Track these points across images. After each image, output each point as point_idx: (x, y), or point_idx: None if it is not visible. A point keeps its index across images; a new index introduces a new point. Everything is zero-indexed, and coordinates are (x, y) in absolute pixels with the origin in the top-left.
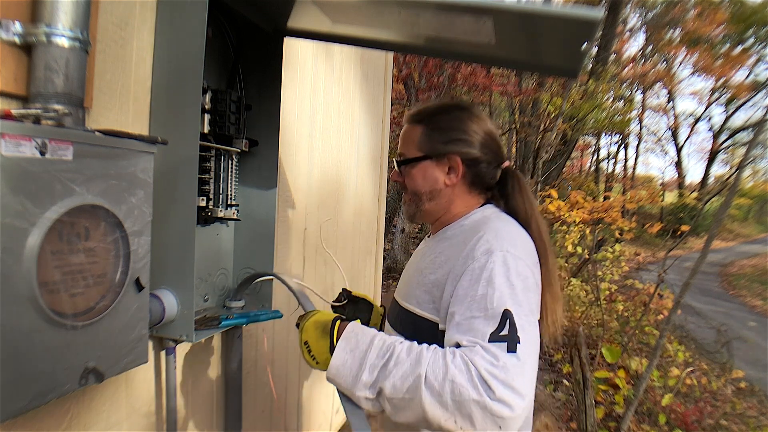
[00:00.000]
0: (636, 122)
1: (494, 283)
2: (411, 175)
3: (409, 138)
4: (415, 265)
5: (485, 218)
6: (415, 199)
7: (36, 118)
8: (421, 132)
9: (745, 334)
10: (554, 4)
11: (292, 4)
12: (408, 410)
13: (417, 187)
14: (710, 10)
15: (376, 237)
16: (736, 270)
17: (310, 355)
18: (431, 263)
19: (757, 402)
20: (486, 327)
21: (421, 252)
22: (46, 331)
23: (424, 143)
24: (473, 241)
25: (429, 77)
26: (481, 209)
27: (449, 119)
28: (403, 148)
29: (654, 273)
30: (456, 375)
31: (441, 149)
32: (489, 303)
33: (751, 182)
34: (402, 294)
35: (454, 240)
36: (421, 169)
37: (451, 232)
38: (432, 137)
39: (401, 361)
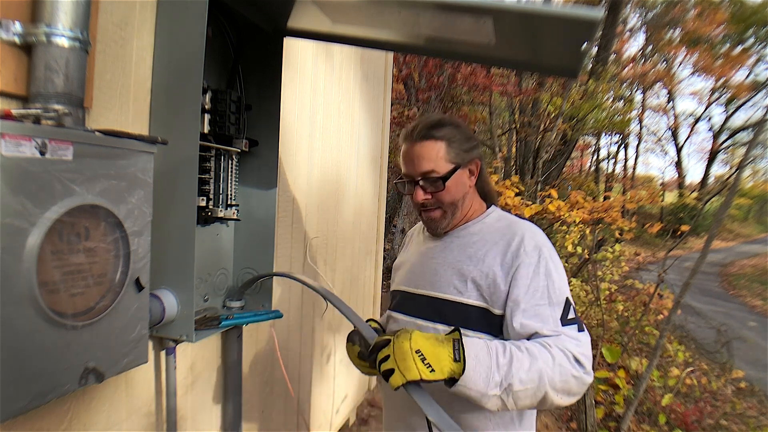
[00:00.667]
0: (636, 122)
1: (552, 275)
2: (447, 188)
3: (432, 155)
4: (438, 259)
5: (505, 217)
6: (451, 210)
7: (36, 118)
8: (445, 145)
9: (745, 334)
10: (554, 4)
11: (292, 4)
12: (529, 398)
13: (454, 197)
14: (710, 10)
15: (376, 237)
16: (736, 270)
17: (425, 363)
18: (468, 258)
19: (757, 402)
20: (554, 312)
21: (436, 248)
22: (46, 331)
23: (452, 155)
24: (516, 239)
25: (429, 77)
26: (491, 210)
27: (459, 129)
28: (429, 166)
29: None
30: (562, 360)
31: (466, 156)
32: (552, 292)
33: (751, 182)
34: (426, 285)
35: (484, 236)
36: (455, 180)
37: (475, 228)
38: (455, 147)
39: (520, 358)
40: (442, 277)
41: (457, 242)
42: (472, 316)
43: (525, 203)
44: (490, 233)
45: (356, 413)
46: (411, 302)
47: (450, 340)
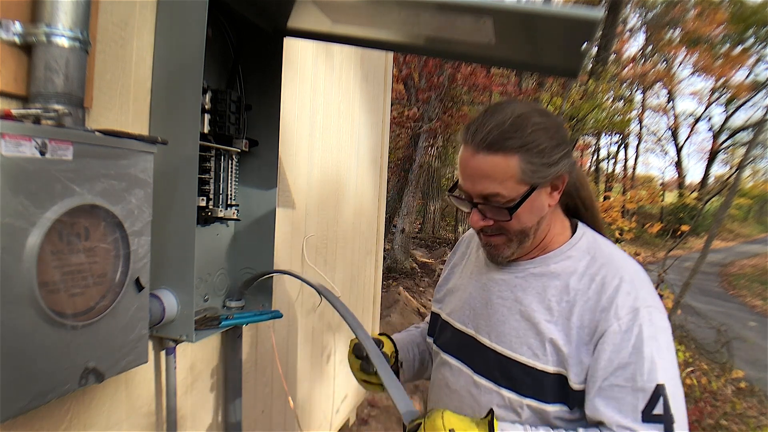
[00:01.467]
0: (636, 122)
1: (643, 351)
2: (517, 216)
3: (500, 173)
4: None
5: (598, 249)
6: (519, 238)
7: (36, 118)
8: (519, 161)
9: (745, 334)
10: (554, 4)
11: (292, 4)
12: None
13: (525, 225)
14: (710, 10)
15: (376, 237)
16: (736, 270)
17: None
18: (548, 310)
19: (757, 402)
20: (636, 402)
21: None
22: (46, 331)
23: (529, 173)
24: (609, 291)
25: (429, 77)
26: (580, 235)
27: (544, 132)
28: (493, 188)
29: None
30: None
31: (548, 173)
32: (639, 375)
33: (751, 182)
34: (491, 333)
35: (568, 280)
36: (529, 204)
37: (557, 266)
38: (534, 163)
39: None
40: (513, 330)
41: (531, 284)
42: (548, 385)
43: None
44: (576, 276)
45: (356, 413)
46: (469, 349)
47: (486, 424)
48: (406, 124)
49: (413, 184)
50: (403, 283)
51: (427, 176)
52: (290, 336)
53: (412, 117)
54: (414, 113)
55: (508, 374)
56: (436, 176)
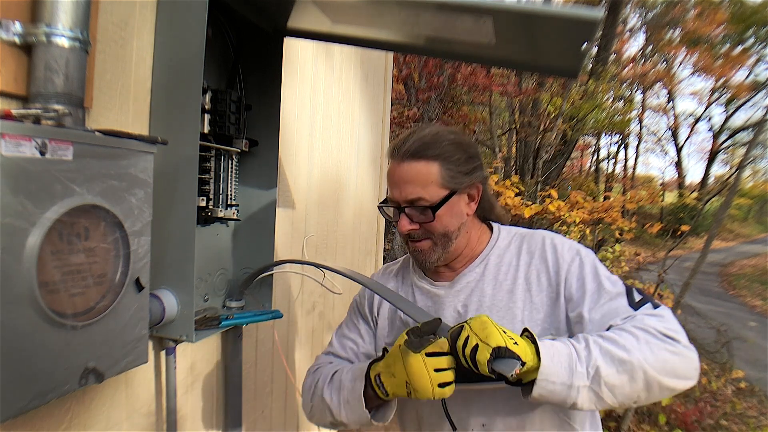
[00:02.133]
0: (636, 122)
1: (597, 270)
2: (438, 218)
3: (423, 178)
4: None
5: (514, 232)
6: (443, 242)
7: (36, 118)
8: (439, 168)
9: (745, 334)
10: (554, 4)
11: (292, 4)
12: (626, 385)
13: (448, 227)
14: (710, 10)
15: (376, 237)
16: (736, 270)
17: (506, 334)
18: (508, 293)
19: (757, 402)
20: (623, 302)
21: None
22: (46, 331)
23: (447, 179)
24: (548, 251)
25: (429, 77)
26: (497, 230)
27: (459, 146)
28: (417, 192)
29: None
30: (647, 338)
31: (465, 180)
32: (610, 286)
33: (751, 182)
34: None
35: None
36: (449, 208)
37: (494, 259)
38: (452, 170)
39: (599, 343)
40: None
41: (485, 280)
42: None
43: (525, 203)
44: (510, 257)
45: None
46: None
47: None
48: (406, 124)
49: None
50: None
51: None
52: (290, 336)
53: (412, 117)
54: (414, 113)
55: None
56: None
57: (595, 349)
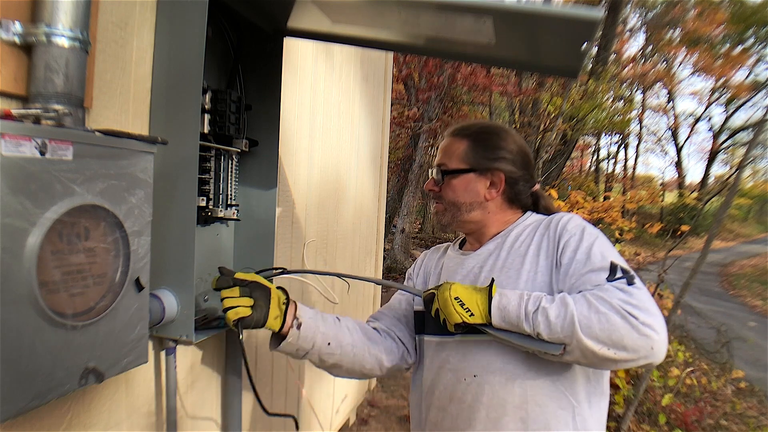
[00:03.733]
0: (636, 122)
1: (594, 245)
2: (452, 185)
3: (452, 150)
4: (489, 267)
5: (543, 217)
6: (452, 209)
7: (36, 118)
8: (467, 146)
9: (745, 334)
10: (554, 4)
11: (292, 4)
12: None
13: (457, 197)
14: (710, 10)
15: (376, 237)
16: (736, 270)
17: (464, 308)
18: (520, 258)
19: (757, 402)
20: (600, 276)
21: (482, 257)
22: (46, 331)
23: (469, 157)
24: (559, 222)
25: (429, 77)
26: (529, 214)
27: (494, 137)
28: (444, 159)
29: (654, 273)
30: (599, 307)
31: (485, 164)
32: (596, 259)
33: (751, 182)
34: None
35: (525, 234)
36: (464, 181)
37: (516, 231)
38: (477, 152)
39: (549, 307)
40: (500, 282)
41: (503, 247)
42: None
43: None
44: (531, 229)
45: (356, 413)
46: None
47: (486, 290)
48: (406, 124)
49: (413, 184)
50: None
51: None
52: None
53: (412, 117)
54: (414, 113)
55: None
56: None
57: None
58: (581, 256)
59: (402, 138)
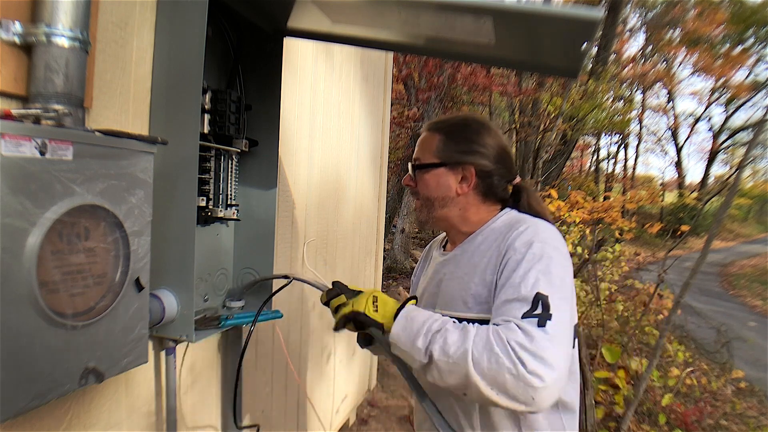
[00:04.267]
0: (636, 122)
1: (530, 270)
2: (424, 180)
3: (426, 145)
4: (448, 275)
5: (517, 217)
6: (426, 205)
7: (36, 118)
8: (439, 140)
9: (745, 334)
10: (554, 4)
11: (292, 4)
12: (453, 377)
13: (429, 192)
14: (710, 10)
15: (376, 237)
16: (736, 270)
17: (374, 304)
18: (473, 267)
19: (757, 402)
20: (519, 309)
21: (445, 264)
22: (46, 331)
23: (440, 151)
24: (512, 234)
25: (429, 77)
26: (505, 212)
27: (467, 131)
28: (418, 154)
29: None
30: (494, 345)
31: (456, 158)
32: (524, 287)
33: (751, 182)
34: (441, 303)
35: (487, 242)
36: (435, 176)
37: (481, 237)
38: (448, 146)
39: (451, 331)
40: (453, 293)
41: (464, 255)
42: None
43: None
44: (494, 235)
45: (356, 413)
46: None
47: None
48: (406, 124)
49: None
50: (403, 283)
51: None
52: (290, 336)
53: (412, 117)
54: (414, 113)
55: None
56: None
57: (442, 335)
58: (514, 280)
59: (402, 138)
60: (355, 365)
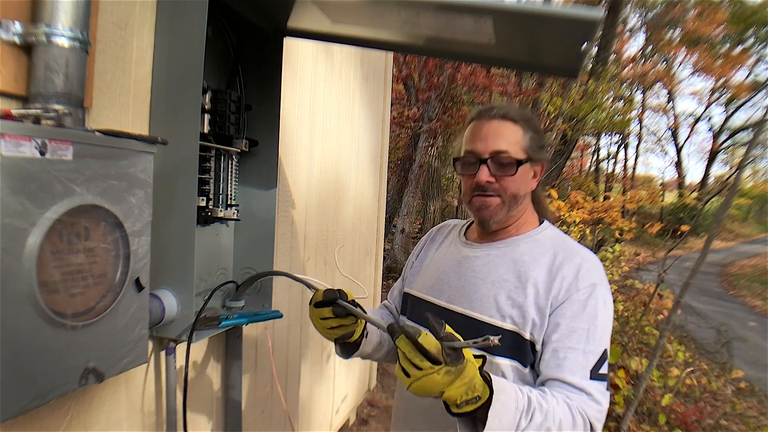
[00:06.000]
0: (636, 122)
1: (597, 319)
2: (515, 177)
3: (511, 137)
4: (481, 275)
5: (563, 240)
6: (510, 203)
7: (36, 118)
8: (523, 133)
9: (745, 334)
10: (554, 4)
11: (292, 4)
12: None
13: (519, 190)
14: (710, 10)
15: (376, 237)
16: (736, 270)
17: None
18: (517, 278)
19: (757, 402)
20: (585, 362)
21: (477, 260)
22: (46, 331)
23: (527, 145)
24: (572, 269)
25: (429, 77)
26: (547, 226)
27: (538, 124)
28: (504, 146)
29: (654, 273)
30: (578, 424)
31: (538, 154)
32: (591, 338)
33: (751, 182)
34: (463, 301)
35: (536, 256)
36: (524, 172)
37: (525, 246)
38: (534, 139)
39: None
40: (484, 296)
41: (504, 258)
42: (506, 342)
43: None
44: (542, 253)
45: (356, 413)
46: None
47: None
48: (406, 124)
49: (413, 184)
50: None
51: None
52: (290, 336)
53: (412, 117)
54: (414, 113)
55: (478, 334)
56: (436, 176)
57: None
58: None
59: (402, 138)
60: (355, 365)
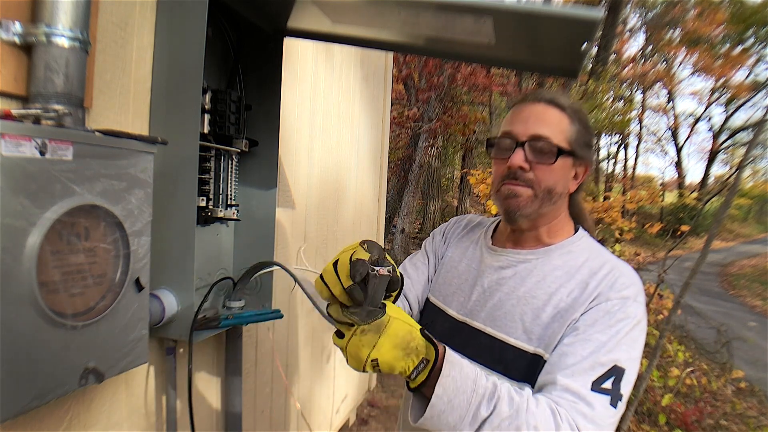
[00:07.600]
0: (636, 122)
1: (618, 334)
2: (553, 167)
3: (556, 124)
4: (507, 291)
5: (597, 250)
6: (543, 197)
7: (36, 118)
8: (570, 123)
9: (745, 334)
10: (554, 4)
11: (292, 4)
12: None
13: (555, 183)
14: (710, 10)
15: (376, 237)
16: (736, 270)
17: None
18: (546, 296)
19: (757, 402)
20: (590, 373)
21: (504, 272)
22: (46, 331)
23: (572, 138)
24: (606, 280)
25: (429, 77)
26: (581, 235)
27: (588, 119)
28: (546, 130)
29: (654, 273)
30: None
31: (583, 152)
32: (604, 350)
33: (751, 182)
34: (486, 318)
35: (570, 270)
36: (564, 165)
37: (559, 259)
38: (580, 135)
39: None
40: (508, 313)
41: (534, 271)
42: (528, 367)
43: None
44: (577, 267)
45: (356, 413)
46: (462, 336)
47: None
48: (406, 124)
49: (413, 184)
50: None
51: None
52: (290, 336)
53: (412, 117)
54: (414, 113)
55: (502, 359)
56: (436, 176)
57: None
58: (598, 335)
59: (402, 138)
60: None
